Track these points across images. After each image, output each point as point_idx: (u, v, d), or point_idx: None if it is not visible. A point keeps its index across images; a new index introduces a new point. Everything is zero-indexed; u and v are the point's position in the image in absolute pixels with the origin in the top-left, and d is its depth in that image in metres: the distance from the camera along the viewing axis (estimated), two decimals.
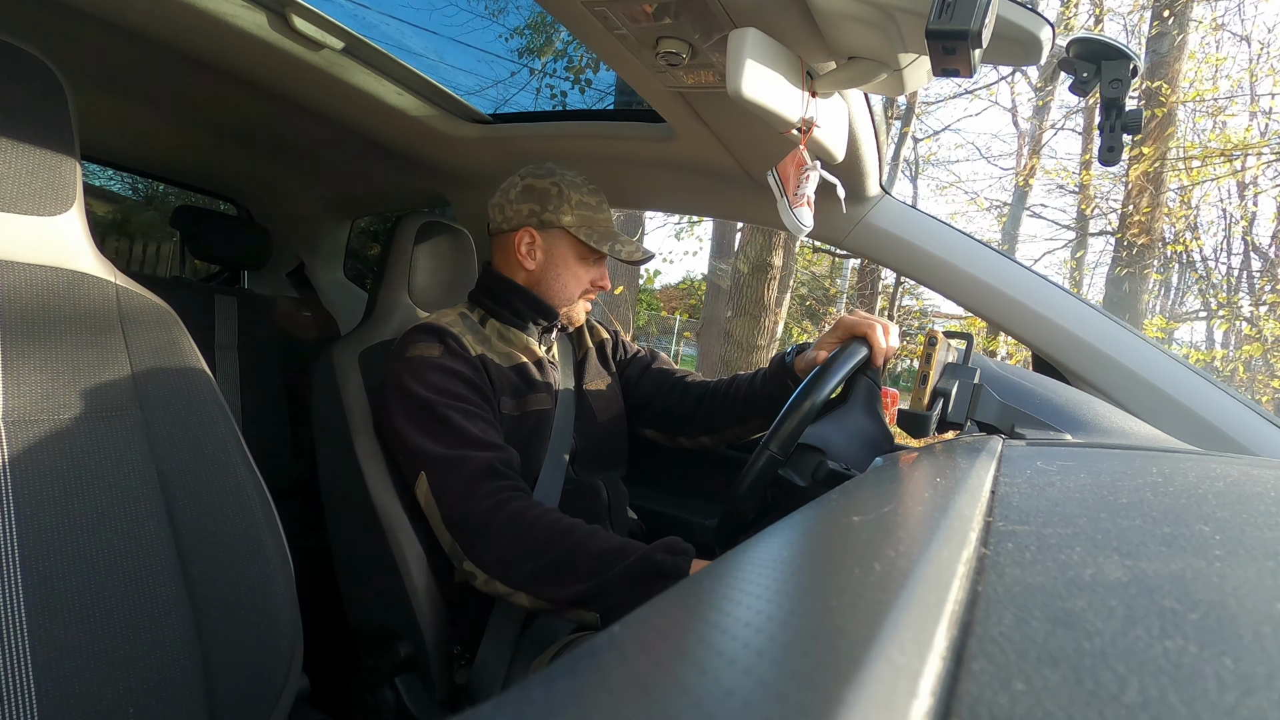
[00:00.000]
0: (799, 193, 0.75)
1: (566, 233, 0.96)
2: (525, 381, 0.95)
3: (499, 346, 0.96)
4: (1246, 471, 0.37)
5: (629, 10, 0.69)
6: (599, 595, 0.72)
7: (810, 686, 0.10)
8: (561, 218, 0.96)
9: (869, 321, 0.85)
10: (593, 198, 0.98)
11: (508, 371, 0.94)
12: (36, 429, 0.58)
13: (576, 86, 1.51)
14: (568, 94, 1.53)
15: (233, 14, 0.89)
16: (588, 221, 0.97)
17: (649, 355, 1.17)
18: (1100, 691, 0.11)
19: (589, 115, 1.16)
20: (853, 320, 0.87)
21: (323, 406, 0.97)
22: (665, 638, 0.14)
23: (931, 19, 0.50)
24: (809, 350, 0.94)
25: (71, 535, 0.57)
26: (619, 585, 0.71)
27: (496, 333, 0.98)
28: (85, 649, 0.56)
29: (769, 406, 0.99)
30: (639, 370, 1.14)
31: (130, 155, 1.68)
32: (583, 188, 0.98)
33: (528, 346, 0.98)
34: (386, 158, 1.40)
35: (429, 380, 0.85)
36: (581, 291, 1.01)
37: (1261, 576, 0.18)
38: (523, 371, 0.96)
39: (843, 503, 0.29)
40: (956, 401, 0.73)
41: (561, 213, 0.96)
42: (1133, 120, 0.68)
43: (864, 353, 0.80)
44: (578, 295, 1.00)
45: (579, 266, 0.99)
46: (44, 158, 0.61)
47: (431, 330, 0.90)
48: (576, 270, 0.99)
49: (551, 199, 0.96)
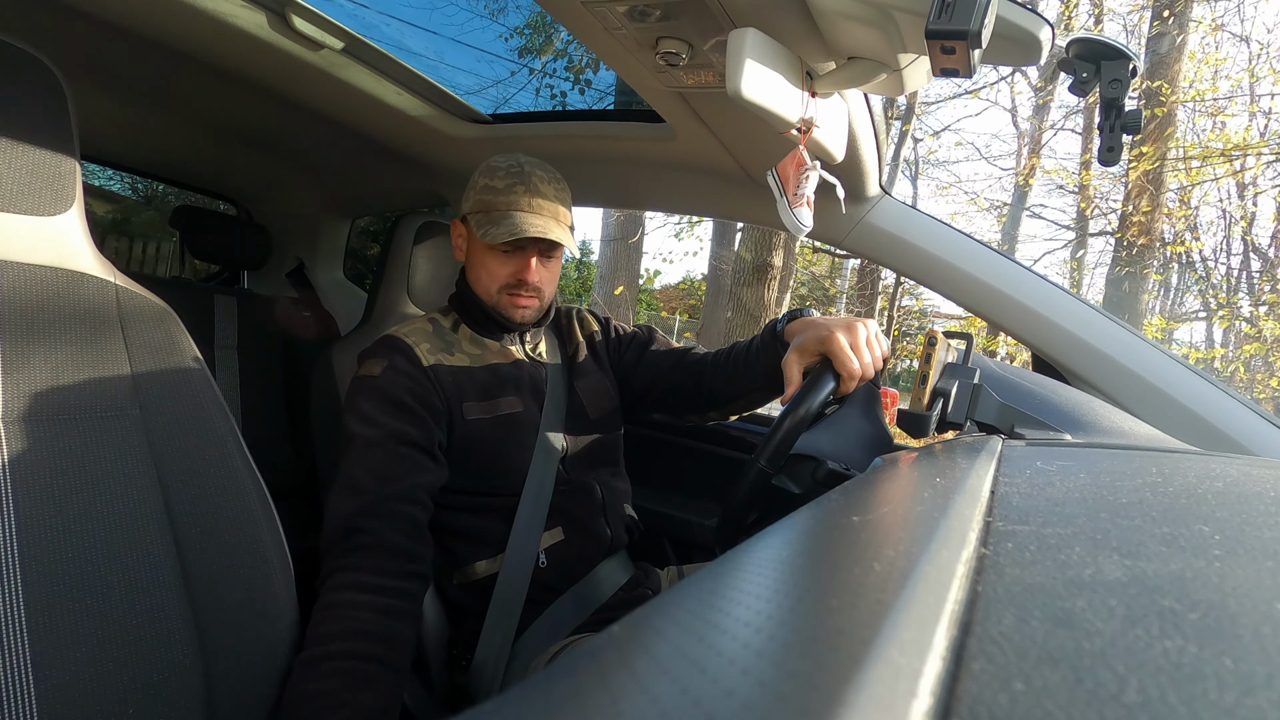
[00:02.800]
0: (798, 193, 0.75)
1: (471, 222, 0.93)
2: (498, 382, 0.93)
3: (468, 349, 0.94)
4: (1246, 471, 0.37)
5: (629, 10, 0.69)
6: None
7: (810, 686, 0.10)
8: (465, 204, 0.92)
9: (837, 346, 0.76)
10: (503, 179, 0.89)
11: (477, 372, 0.92)
12: (36, 428, 0.58)
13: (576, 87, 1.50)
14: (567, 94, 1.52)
15: (233, 14, 0.89)
16: (485, 205, 0.89)
17: (645, 334, 1.10)
18: (1100, 691, 0.11)
19: (589, 115, 1.16)
20: (821, 336, 0.78)
21: (322, 406, 0.97)
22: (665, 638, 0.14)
23: (931, 19, 0.50)
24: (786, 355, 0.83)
25: (71, 535, 0.57)
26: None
27: (468, 336, 0.96)
28: (84, 648, 0.56)
29: (766, 380, 0.93)
30: (637, 353, 1.07)
31: (130, 155, 1.68)
32: (497, 171, 0.90)
33: (503, 348, 0.97)
34: (386, 158, 1.40)
35: (360, 408, 0.84)
36: (499, 286, 0.92)
37: (1261, 576, 0.18)
38: (496, 371, 0.93)
39: (843, 503, 0.29)
40: (956, 402, 0.73)
41: (467, 200, 0.92)
42: (1132, 120, 0.68)
43: (830, 385, 0.75)
44: (495, 290, 0.93)
45: (488, 256, 0.92)
46: (44, 157, 0.61)
47: (384, 345, 0.89)
48: (485, 261, 0.92)
49: (469, 188, 0.93)
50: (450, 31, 1.15)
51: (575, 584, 0.90)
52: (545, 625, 0.87)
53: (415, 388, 0.86)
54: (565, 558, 0.90)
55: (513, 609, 0.85)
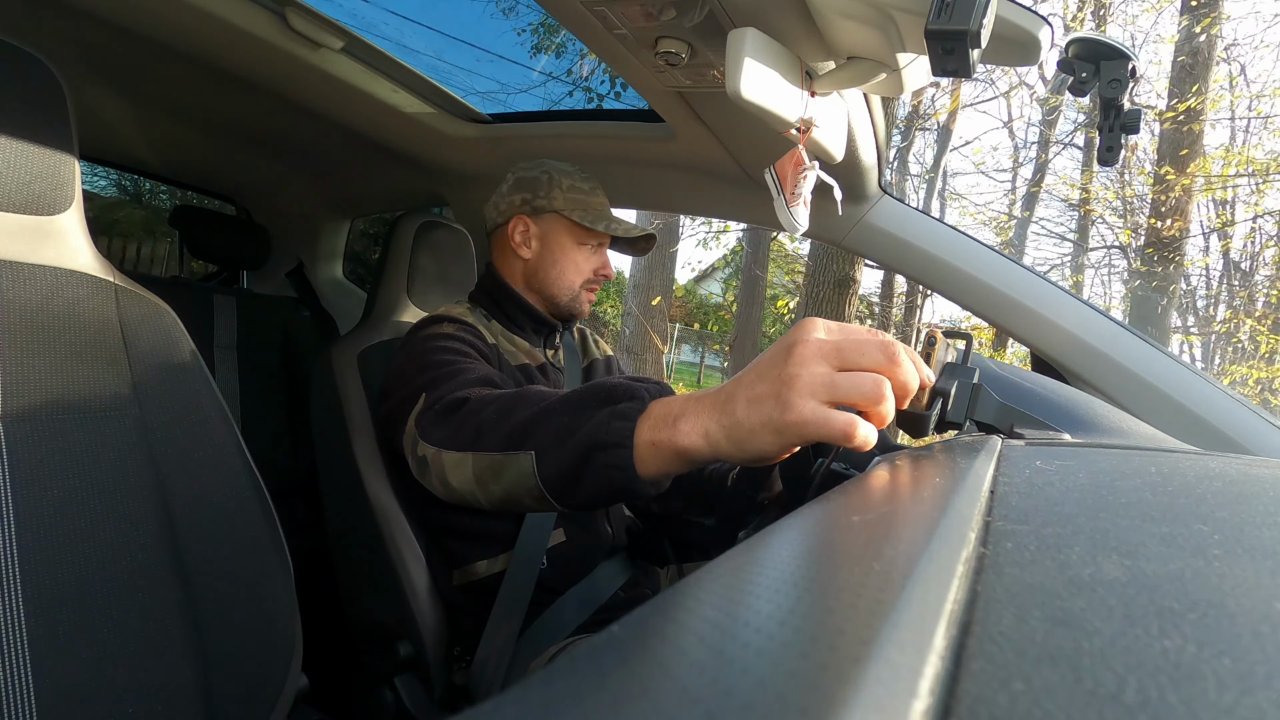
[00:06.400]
0: (796, 192, 0.75)
1: (560, 216, 0.94)
2: (527, 380, 0.95)
3: (504, 345, 0.96)
4: (1245, 471, 0.37)
5: (628, 10, 0.69)
6: (535, 423, 0.57)
7: (810, 686, 0.10)
8: (553, 201, 0.94)
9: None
10: (585, 183, 0.96)
11: (514, 370, 0.94)
12: (35, 428, 0.58)
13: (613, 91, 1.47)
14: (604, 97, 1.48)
15: (232, 14, 0.89)
16: (580, 204, 0.94)
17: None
18: (1099, 691, 0.11)
19: (588, 115, 1.16)
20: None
21: (321, 406, 0.97)
22: (665, 638, 0.14)
23: (930, 19, 0.50)
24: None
25: (70, 534, 0.57)
26: (557, 409, 0.57)
27: (500, 333, 0.98)
28: (84, 648, 0.56)
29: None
30: None
31: (130, 155, 1.68)
32: (574, 174, 0.96)
33: (530, 351, 0.98)
34: (385, 158, 1.40)
35: (442, 344, 0.81)
36: (583, 281, 0.97)
37: (1260, 576, 0.18)
38: (526, 372, 0.95)
39: (842, 503, 0.29)
40: (955, 401, 0.73)
41: (552, 197, 0.94)
42: (1131, 120, 0.68)
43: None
44: (579, 284, 0.97)
45: (576, 252, 0.96)
46: (43, 157, 0.61)
47: (447, 318, 0.89)
48: (574, 256, 0.96)
49: (542, 185, 0.94)
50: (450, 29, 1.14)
51: (576, 584, 0.90)
52: (546, 625, 0.87)
53: (488, 353, 0.87)
54: (566, 558, 0.90)
55: (517, 609, 0.85)
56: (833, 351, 0.42)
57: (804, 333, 0.43)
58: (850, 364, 0.41)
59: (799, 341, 0.42)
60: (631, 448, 0.49)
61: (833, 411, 0.41)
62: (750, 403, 0.43)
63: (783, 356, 0.42)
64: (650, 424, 0.49)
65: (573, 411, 0.55)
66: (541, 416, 0.57)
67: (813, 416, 0.40)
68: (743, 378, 0.45)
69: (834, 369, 0.41)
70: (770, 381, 0.43)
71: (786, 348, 0.43)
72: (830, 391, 0.41)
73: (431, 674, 0.88)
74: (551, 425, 0.55)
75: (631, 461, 0.49)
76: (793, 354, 0.42)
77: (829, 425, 0.40)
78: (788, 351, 0.42)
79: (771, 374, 0.43)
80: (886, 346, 0.42)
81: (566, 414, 0.55)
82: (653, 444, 0.49)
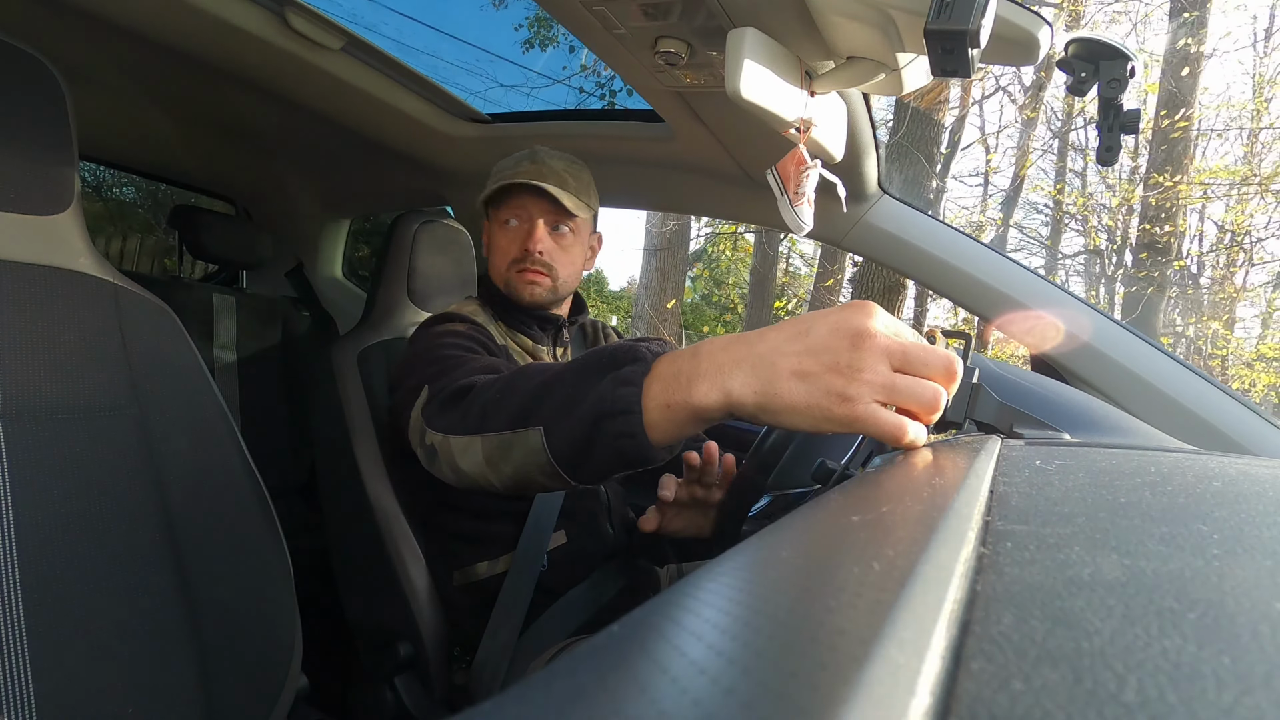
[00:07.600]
0: (799, 191, 0.75)
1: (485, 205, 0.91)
2: None
3: (511, 345, 0.95)
4: (1245, 471, 0.37)
5: (628, 10, 0.69)
6: (539, 398, 0.56)
7: (810, 686, 0.10)
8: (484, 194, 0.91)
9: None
10: (514, 159, 0.89)
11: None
12: (35, 428, 0.58)
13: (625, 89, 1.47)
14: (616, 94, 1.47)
15: (231, 14, 0.89)
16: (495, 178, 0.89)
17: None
18: (1099, 690, 0.11)
19: (588, 115, 1.16)
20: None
21: (321, 406, 0.97)
22: (665, 638, 0.14)
23: (930, 18, 0.50)
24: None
25: (70, 535, 0.57)
26: (561, 381, 0.55)
27: (506, 333, 0.97)
28: (83, 649, 0.56)
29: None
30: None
31: (129, 155, 1.68)
32: (521, 157, 0.89)
33: (535, 350, 0.97)
34: (385, 158, 1.40)
35: (450, 340, 0.80)
36: (509, 262, 0.90)
37: (1259, 575, 0.18)
38: None
39: (842, 502, 0.29)
40: (955, 401, 0.73)
41: (487, 187, 0.91)
42: (1130, 120, 0.68)
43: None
44: (504, 267, 0.91)
45: (499, 235, 0.91)
46: (42, 157, 0.61)
47: (459, 316, 0.88)
48: (497, 241, 0.91)
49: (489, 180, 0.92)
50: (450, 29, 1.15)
51: (576, 585, 0.90)
52: (546, 626, 0.87)
53: (497, 352, 0.85)
54: (568, 559, 0.90)
55: (518, 610, 0.85)
56: (899, 354, 0.40)
57: (868, 320, 0.40)
58: (913, 370, 0.40)
59: (866, 333, 0.40)
60: (640, 413, 0.47)
61: (886, 412, 0.40)
62: (796, 377, 0.41)
63: (846, 343, 0.40)
64: (661, 385, 0.47)
65: (576, 381, 0.53)
66: (544, 390, 0.55)
67: (866, 414, 0.39)
68: (781, 343, 0.42)
69: (893, 369, 0.40)
70: (826, 365, 0.40)
71: (852, 334, 0.40)
72: (889, 393, 0.40)
73: (431, 674, 0.88)
74: (556, 398, 0.54)
75: (642, 427, 0.47)
76: (860, 345, 0.40)
77: (880, 425, 0.40)
78: (853, 340, 0.40)
79: (827, 357, 0.40)
80: (949, 362, 0.41)
81: (570, 384, 0.53)
82: (667, 406, 0.46)
